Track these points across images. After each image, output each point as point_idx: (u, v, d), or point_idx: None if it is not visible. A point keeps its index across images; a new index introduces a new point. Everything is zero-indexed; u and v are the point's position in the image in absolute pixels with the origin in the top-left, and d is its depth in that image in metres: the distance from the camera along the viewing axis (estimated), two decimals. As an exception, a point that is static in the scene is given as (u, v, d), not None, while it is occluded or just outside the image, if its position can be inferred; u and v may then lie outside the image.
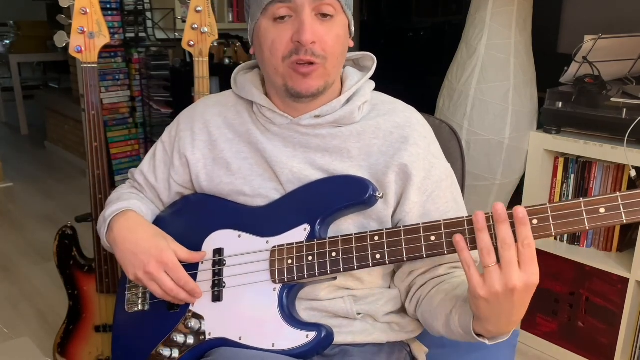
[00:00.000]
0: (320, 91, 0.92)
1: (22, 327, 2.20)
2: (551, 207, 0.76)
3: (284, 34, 0.88)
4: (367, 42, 3.50)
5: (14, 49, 5.32)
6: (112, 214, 1.01)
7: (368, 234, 0.86)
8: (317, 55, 0.88)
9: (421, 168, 0.93)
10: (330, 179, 0.94)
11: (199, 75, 1.54)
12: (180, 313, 0.97)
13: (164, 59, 3.58)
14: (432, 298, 0.92)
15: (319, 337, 0.87)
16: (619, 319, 1.79)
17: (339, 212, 0.92)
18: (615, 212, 0.74)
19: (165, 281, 0.92)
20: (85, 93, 1.45)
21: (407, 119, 0.97)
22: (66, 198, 3.63)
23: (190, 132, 1.04)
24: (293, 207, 0.94)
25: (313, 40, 0.87)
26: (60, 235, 1.57)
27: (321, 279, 0.90)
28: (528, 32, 1.94)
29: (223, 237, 0.98)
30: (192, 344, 0.94)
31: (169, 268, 0.93)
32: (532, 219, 0.76)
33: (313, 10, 0.87)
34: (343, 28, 0.91)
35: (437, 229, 0.82)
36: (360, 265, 0.86)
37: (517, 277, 0.73)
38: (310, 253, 0.89)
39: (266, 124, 0.98)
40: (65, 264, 1.57)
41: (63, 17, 1.46)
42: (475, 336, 0.82)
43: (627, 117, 1.69)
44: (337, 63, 0.92)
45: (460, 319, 0.84)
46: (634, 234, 1.79)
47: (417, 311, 0.96)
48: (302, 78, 0.90)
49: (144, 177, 1.11)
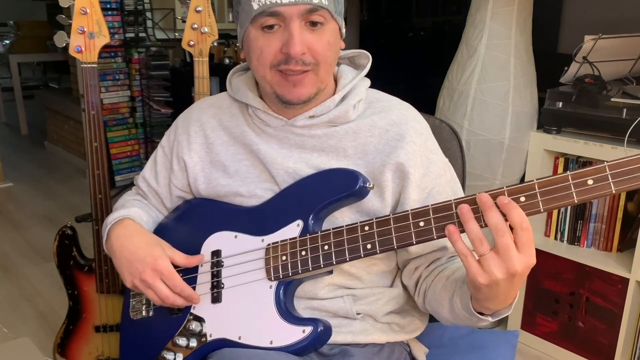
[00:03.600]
0: (311, 98, 0.92)
1: (22, 327, 2.20)
2: (538, 183, 0.74)
3: (273, 43, 0.88)
4: (367, 42, 3.50)
5: (14, 49, 5.32)
6: (111, 222, 1.02)
7: (359, 225, 0.86)
8: (308, 63, 0.88)
9: (419, 165, 0.93)
10: (320, 173, 0.94)
11: (199, 75, 1.54)
12: (182, 317, 0.97)
13: (164, 59, 3.58)
14: (435, 286, 0.92)
15: (315, 332, 0.87)
16: (619, 319, 1.79)
17: (331, 205, 0.91)
18: (603, 183, 0.71)
19: (161, 289, 0.93)
20: (85, 93, 1.45)
21: (402, 116, 0.97)
22: (66, 198, 3.63)
23: (186, 136, 1.04)
24: (285, 204, 0.94)
25: (303, 51, 0.86)
26: (60, 235, 1.57)
27: (316, 273, 0.90)
28: (528, 32, 1.94)
29: (220, 238, 0.98)
30: (194, 346, 0.94)
31: (164, 275, 0.93)
32: (519, 197, 0.74)
33: (302, 20, 0.86)
34: (333, 34, 0.90)
35: (426, 214, 0.81)
36: (352, 256, 0.86)
37: (517, 262, 0.72)
38: (303, 248, 0.89)
39: (261, 126, 0.98)
40: (65, 264, 1.57)
41: (63, 17, 1.46)
42: (477, 315, 0.82)
43: (627, 117, 1.69)
44: (329, 68, 0.92)
45: (461, 302, 0.85)
46: (634, 234, 1.79)
47: (425, 302, 0.96)
48: (292, 87, 0.89)
49: (146, 183, 1.12)
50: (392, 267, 1.01)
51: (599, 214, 1.87)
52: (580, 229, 1.91)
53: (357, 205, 0.93)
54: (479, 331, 1.16)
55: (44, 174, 4.16)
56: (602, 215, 1.86)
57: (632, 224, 1.84)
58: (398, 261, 1.01)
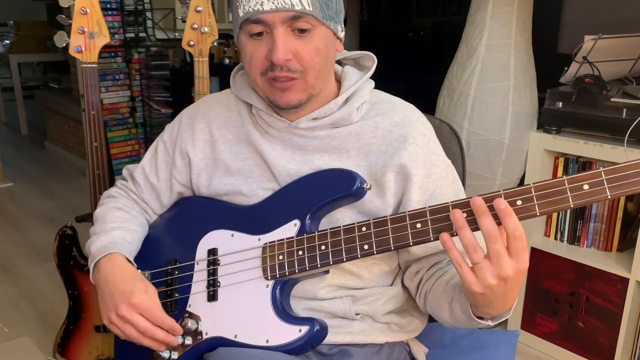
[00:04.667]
0: (302, 103, 0.91)
1: (22, 327, 2.20)
2: (535, 187, 0.74)
3: (260, 49, 0.88)
4: (367, 42, 3.50)
5: (14, 49, 5.32)
6: (99, 256, 0.97)
7: (356, 225, 0.86)
8: (294, 70, 0.87)
9: (421, 167, 0.93)
10: (317, 173, 0.94)
11: (199, 75, 1.55)
12: (177, 314, 0.97)
13: (164, 59, 3.58)
14: (435, 290, 0.93)
15: (311, 331, 0.87)
16: (619, 319, 1.79)
17: (328, 205, 0.91)
18: (599, 188, 0.72)
19: (139, 322, 0.89)
20: (85, 93, 1.45)
21: (405, 117, 0.96)
22: (66, 198, 3.63)
23: (191, 132, 1.04)
24: (283, 204, 0.94)
25: (287, 58, 0.86)
26: (60, 235, 1.57)
27: (313, 272, 0.90)
28: (528, 32, 1.94)
29: (217, 237, 0.98)
30: (189, 344, 0.94)
31: (142, 309, 0.90)
32: (516, 200, 0.74)
33: (287, 26, 0.86)
34: (323, 40, 0.89)
35: (423, 216, 0.81)
36: (349, 257, 0.86)
37: (508, 267, 0.72)
38: (300, 248, 0.89)
39: (265, 126, 0.98)
40: (65, 264, 1.57)
41: (63, 17, 1.46)
42: (478, 320, 0.83)
43: (627, 117, 1.69)
44: (319, 74, 0.90)
45: (461, 307, 0.85)
46: (634, 234, 1.79)
47: (426, 305, 0.97)
48: (281, 92, 0.90)
49: (144, 176, 1.10)
50: (393, 267, 1.01)
51: (599, 214, 1.87)
52: (580, 229, 1.91)
53: (358, 206, 0.93)
54: (479, 331, 1.16)
55: (44, 174, 4.16)
56: (602, 215, 1.86)
57: (632, 224, 1.84)
58: (400, 262, 1.01)
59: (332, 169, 0.93)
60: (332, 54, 0.93)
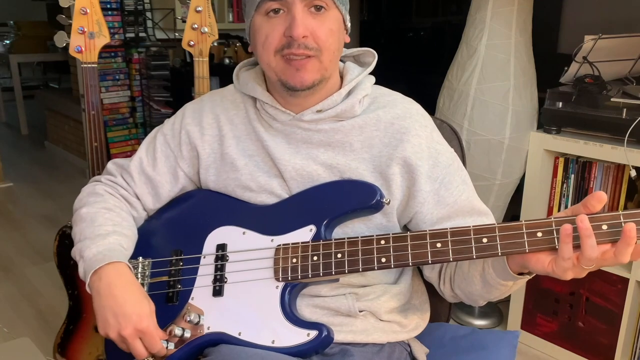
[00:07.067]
0: (315, 84, 0.92)
1: (22, 327, 2.20)
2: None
3: (277, 27, 0.89)
4: (367, 42, 3.50)
5: (14, 49, 5.32)
6: (97, 262, 0.94)
7: (375, 238, 0.87)
8: (311, 47, 0.89)
9: (426, 157, 0.95)
10: (339, 183, 0.95)
11: (199, 75, 1.55)
12: (179, 306, 0.97)
13: (164, 59, 3.58)
14: (461, 267, 0.95)
15: (319, 337, 0.88)
16: (619, 319, 1.79)
17: (345, 215, 0.93)
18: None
19: (137, 348, 0.90)
20: (85, 93, 1.45)
21: (406, 110, 0.98)
22: (66, 198, 3.63)
23: (199, 127, 1.04)
24: (300, 208, 0.95)
25: (305, 34, 0.88)
26: (60, 235, 1.57)
27: (324, 279, 0.91)
28: (528, 32, 1.94)
29: (227, 233, 0.98)
30: (188, 337, 0.93)
31: (144, 334, 0.90)
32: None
33: (305, 4, 0.88)
34: (336, 23, 0.92)
35: (444, 236, 0.83)
36: (366, 267, 0.87)
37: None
38: (315, 253, 0.90)
39: (269, 121, 0.99)
40: (65, 264, 1.57)
41: (63, 17, 1.46)
42: (517, 276, 0.86)
43: (627, 117, 1.69)
44: (333, 57, 0.92)
45: (495, 270, 0.87)
46: (634, 234, 1.79)
47: (454, 287, 0.98)
48: (296, 71, 0.90)
49: (141, 168, 1.07)
50: None
51: (599, 214, 1.86)
52: (580, 229, 1.91)
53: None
54: (480, 331, 1.16)
55: (44, 174, 4.16)
56: (602, 215, 1.86)
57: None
58: None
59: (354, 180, 0.95)
60: (342, 41, 0.95)
